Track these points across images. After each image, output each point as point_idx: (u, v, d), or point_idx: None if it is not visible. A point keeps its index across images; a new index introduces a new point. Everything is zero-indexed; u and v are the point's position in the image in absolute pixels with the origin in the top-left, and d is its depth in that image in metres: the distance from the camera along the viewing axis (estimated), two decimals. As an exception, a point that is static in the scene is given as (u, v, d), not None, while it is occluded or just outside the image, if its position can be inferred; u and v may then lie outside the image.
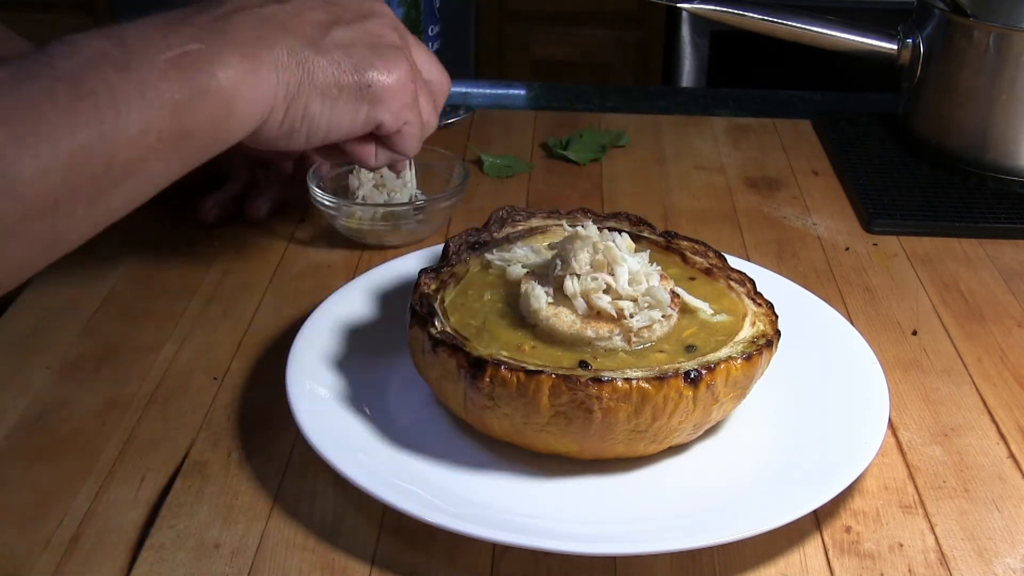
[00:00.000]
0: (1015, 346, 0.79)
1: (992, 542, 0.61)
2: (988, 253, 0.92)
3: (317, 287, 0.83)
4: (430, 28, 1.07)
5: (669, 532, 0.59)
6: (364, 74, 0.66)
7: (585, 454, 0.63)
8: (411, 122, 0.71)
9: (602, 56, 2.42)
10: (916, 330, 0.81)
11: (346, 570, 0.58)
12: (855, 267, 0.90)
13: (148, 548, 0.59)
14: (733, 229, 0.95)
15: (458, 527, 0.57)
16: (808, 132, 1.16)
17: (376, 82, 0.67)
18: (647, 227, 0.77)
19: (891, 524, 0.62)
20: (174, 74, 0.57)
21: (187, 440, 0.68)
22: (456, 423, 0.67)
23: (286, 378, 0.67)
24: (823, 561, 0.60)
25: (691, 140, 1.13)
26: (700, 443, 0.66)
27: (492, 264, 0.71)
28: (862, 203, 0.99)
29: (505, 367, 0.60)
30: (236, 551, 0.59)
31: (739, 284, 0.71)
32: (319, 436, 0.62)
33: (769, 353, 0.65)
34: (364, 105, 0.67)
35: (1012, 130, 1.02)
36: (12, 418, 0.69)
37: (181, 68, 0.58)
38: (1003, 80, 1.00)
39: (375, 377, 0.70)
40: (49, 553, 0.59)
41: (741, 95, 1.27)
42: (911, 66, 1.07)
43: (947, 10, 1.03)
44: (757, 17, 1.06)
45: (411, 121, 0.71)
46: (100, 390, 0.72)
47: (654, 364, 0.62)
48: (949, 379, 0.76)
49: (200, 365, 0.75)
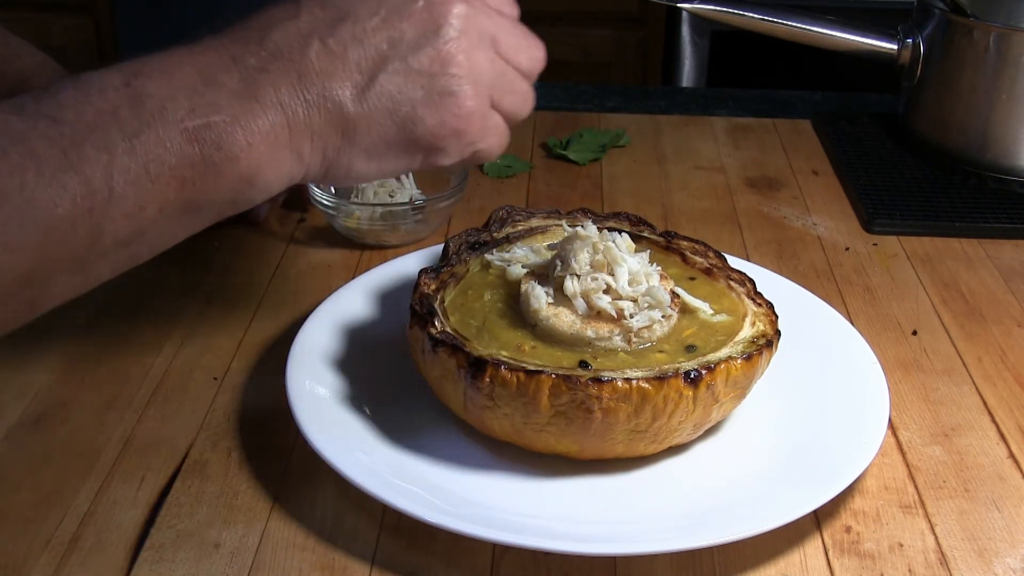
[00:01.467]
0: (1015, 346, 0.79)
1: (992, 542, 0.61)
2: (988, 253, 0.92)
3: (317, 287, 0.83)
4: (430, 28, 1.07)
5: (669, 532, 0.59)
6: (415, 129, 0.59)
7: (585, 454, 0.63)
8: (484, 148, 0.63)
9: (602, 56, 2.41)
10: (916, 330, 0.81)
11: (346, 570, 0.58)
12: (855, 267, 0.90)
13: (148, 548, 0.59)
14: (733, 229, 0.95)
15: (458, 527, 0.57)
16: (808, 132, 1.16)
17: (430, 134, 0.59)
18: (647, 227, 0.77)
19: (891, 524, 0.62)
20: (188, 149, 0.52)
21: (187, 440, 0.68)
22: (456, 423, 0.67)
23: (286, 378, 0.67)
24: (823, 561, 0.60)
25: (691, 140, 1.13)
26: (700, 443, 0.66)
27: (492, 264, 0.71)
28: (862, 203, 0.99)
29: (505, 367, 0.60)
30: (236, 551, 0.59)
31: (739, 284, 0.71)
32: (319, 436, 0.62)
33: (769, 353, 0.65)
34: (418, 155, 0.61)
35: (1012, 130, 1.02)
36: (12, 418, 0.69)
37: (198, 142, 0.53)
38: (1003, 80, 1.00)
39: (375, 377, 0.70)
40: (49, 553, 0.59)
41: (741, 95, 1.27)
42: (911, 66, 1.07)
43: (947, 10, 1.03)
44: (757, 17, 1.06)
45: (484, 148, 0.63)
46: (100, 390, 0.72)
47: (654, 364, 0.62)
48: (949, 379, 0.76)
49: (200, 365, 0.75)
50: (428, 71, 0.58)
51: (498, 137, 0.63)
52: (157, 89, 0.52)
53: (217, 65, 0.55)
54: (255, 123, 0.54)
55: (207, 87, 0.54)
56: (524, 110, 0.64)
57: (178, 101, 0.52)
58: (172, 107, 0.52)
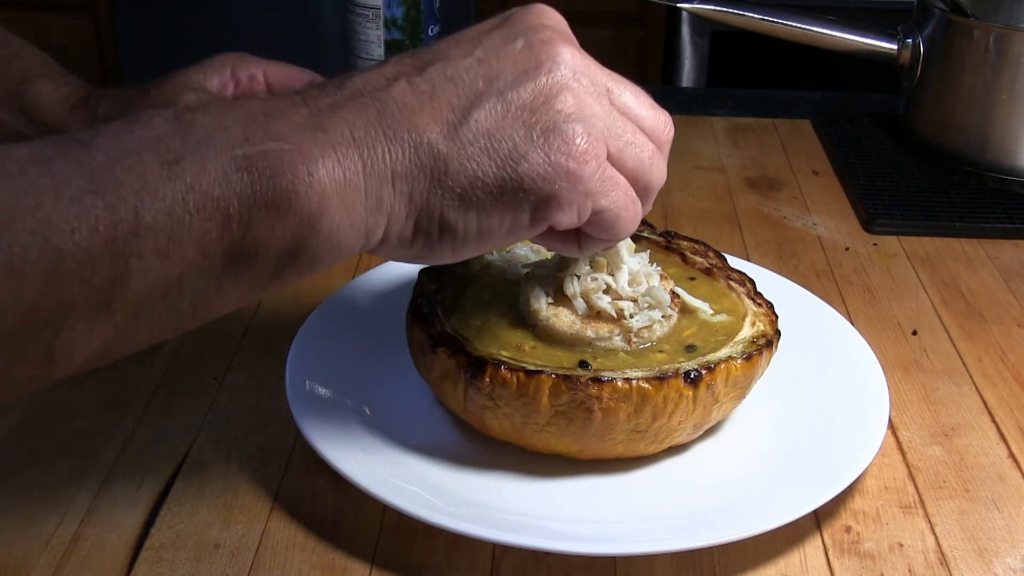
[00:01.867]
0: (1015, 346, 0.79)
1: (992, 542, 0.61)
2: (988, 253, 0.92)
3: (317, 287, 0.83)
4: (430, 28, 1.07)
5: (669, 532, 0.59)
6: (517, 168, 0.49)
7: (585, 454, 0.63)
8: (609, 207, 0.53)
9: (602, 56, 2.41)
10: (916, 330, 0.81)
11: (346, 570, 0.58)
12: (855, 267, 0.90)
13: (148, 548, 0.59)
14: (733, 229, 0.95)
15: (458, 527, 0.57)
16: (808, 132, 1.16)
17: (537, 175, 0.50)
18: (647, 227, 0.77)
19: (891, 524, 0.62)
20: (236, 178, 0.44)
21: (187, 440, 0.68)
22: (456, 423, 0.67)
23: (286, 378, 0.67)
24: (823, 561, 0.60)
25: (691, 140, 1.13)
26: (700, 443, 0.66)
27: (492, 264, 0.71)
28: (862, 203, 0.99)
29: (505, 367, 0.60)
30: (236, 551, 0.59)
31: (739, 284, 0.71)
32: (319, 436, 0.62)
33: (769, 353, 0.65)
34: (524, 207, 0.50)
35: (1012, 130, 1.02)
36: (12, 418, 0.69)
37: (249, 171, 0.44)
38: (1003, 80, 1.00)
39: (375, 377, 0.70)
40: (49, 553, 0.59)
41: (741, 95, 1.27)
42: (911, 66, 1.07)
43: (947, 10, 1.03)
44: (757, 17, 1.06)
45: (608, 207, 0.52)
46: (100, 390, 0.72)
47: (654, 364, 0.62)
48: (949, 379, 0.76)
49: (200, 365, 0.75)
50: (530, 106, 0.50)
51: (623, 195, 0.53)
52: (211, 120, 0.46)
53: (285, 103, 0.48)
54: (320, 153, 0.46)
55: (268, 118, 0.46)
56: (651, 173, 0.54)
57: (232, 131, 0.45)
58: (224, 136, 0.45)
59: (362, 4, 1.00)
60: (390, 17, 1.01)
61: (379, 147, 0.48)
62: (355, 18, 1.02)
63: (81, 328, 0.43)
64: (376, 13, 1.00)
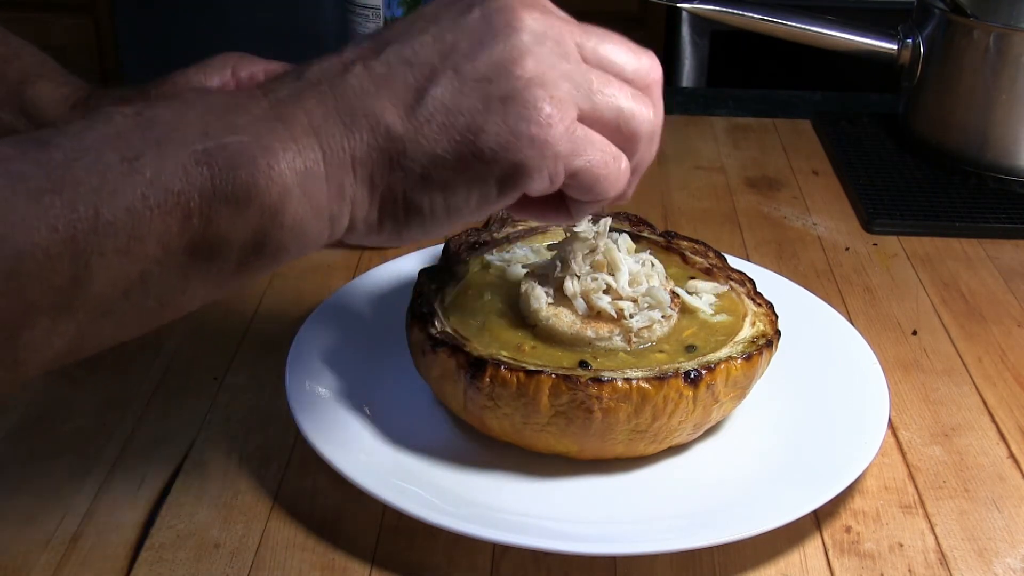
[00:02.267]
0: (1015, 346, 0.79)
1: (992, 542, 0.61)
2: (988, 253, 0.92)
3: (317, 287, 0.83)
4: (430, 28, 1.07)
5: (669, 532, 0.59)
6: (476, 140, 0.48)
7: (585, 454, 0.63)
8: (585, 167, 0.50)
9: (602, 56, 2.41)
10: (916, 330, 0.81)
11: (346, 570, 0.58)
12: (855, 267, 0.90)
13: (148, 548, 0.59)
14: (733, 229, 0.95)
15: (458, 527, 0.57)
16: (808, 132, 1.16)
17: (498, 145, 0.48)
18: (647, 227, 0.77)
19: (891, 524, 0.62)
20: (196, 173, 0.44)
21: (187, 440, 0.68)
22: (456, 423, 0.67)
23: (286, 378, 0.67)
24: (823, 561, 0.60)
25: (691, 140, 1.13)
26: (700, 443, 0.66)
27: (492, 264, 0.71)
28: (862, 203, 0.99)
29: (505, 367, 0.60)
30: (236, 551, 0.59)
31: (739, 284, 0.71)
32: (319, 436, 0.62)
33: (769, 353, 0.65)
34: (490, 180, 0.49)
35: (1012, 130, 1.02)
36: (12, 418, 0.69)
37: (208, 164, 0.44)
38: (1003, 80, 1.00)
39: (375, 377, 0.70)
40: (49, 553, 0.59)
41: (741, 95, 1.27)
42: (911, 66, 1.07)
43: (947, 10, 1.03)
44: (757, 17, 1.06)
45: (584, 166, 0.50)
46: (100, 390, 0.72)
47: (654, 364, 0.62)
48: (949, 379, 0.76)
49: (200, 365, 0.75)
50: (487, 76, 0.48)
51: (599, 153, 0.51)
52: (172, 116, 0.46)
53: (245, 96, 0.48)
54: (279, 145, 0.46)
55: (227, 112, 0.46)
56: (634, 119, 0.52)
57: (192, 126, 0.45)
58: (184, 131, 0.45)
59: (362, 4, 1.00)
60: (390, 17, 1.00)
61: (337, 134, 0.47)
62: (355, 18, 1.02)
63: (44, 328, 0.43)
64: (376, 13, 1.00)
